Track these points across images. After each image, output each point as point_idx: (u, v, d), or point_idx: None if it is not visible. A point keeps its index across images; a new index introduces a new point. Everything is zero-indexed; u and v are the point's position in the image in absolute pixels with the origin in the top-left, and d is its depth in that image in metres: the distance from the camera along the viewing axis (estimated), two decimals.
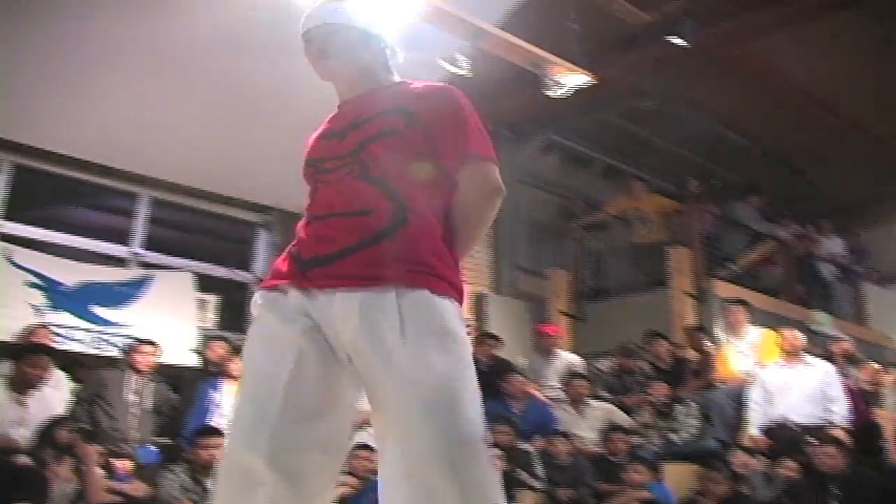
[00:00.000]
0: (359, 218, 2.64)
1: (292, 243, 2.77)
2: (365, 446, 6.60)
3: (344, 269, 2.59)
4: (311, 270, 2.63)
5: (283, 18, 7.25)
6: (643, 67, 9.82)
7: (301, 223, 2.80)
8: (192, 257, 9.73)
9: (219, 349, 8.03)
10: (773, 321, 9.77)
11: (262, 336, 2.67)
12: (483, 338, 9.44)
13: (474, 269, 10.94)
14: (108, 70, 7.95)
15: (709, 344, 9.41)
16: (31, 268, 8.19)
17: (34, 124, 8.36)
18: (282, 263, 2.75)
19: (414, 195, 2.68)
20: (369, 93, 2.89)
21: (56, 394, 6.90)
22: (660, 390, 8.59)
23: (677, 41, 9.14)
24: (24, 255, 8.24)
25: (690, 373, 9.27)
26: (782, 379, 8.17)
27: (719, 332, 9.80)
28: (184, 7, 7.48)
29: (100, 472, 6.12)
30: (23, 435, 6.39)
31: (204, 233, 10.76)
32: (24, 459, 6.00)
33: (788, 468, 7.26)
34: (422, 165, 2.72)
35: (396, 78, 2.99)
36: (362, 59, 2.93)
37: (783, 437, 7.87)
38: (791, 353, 8.28)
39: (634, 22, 9.42)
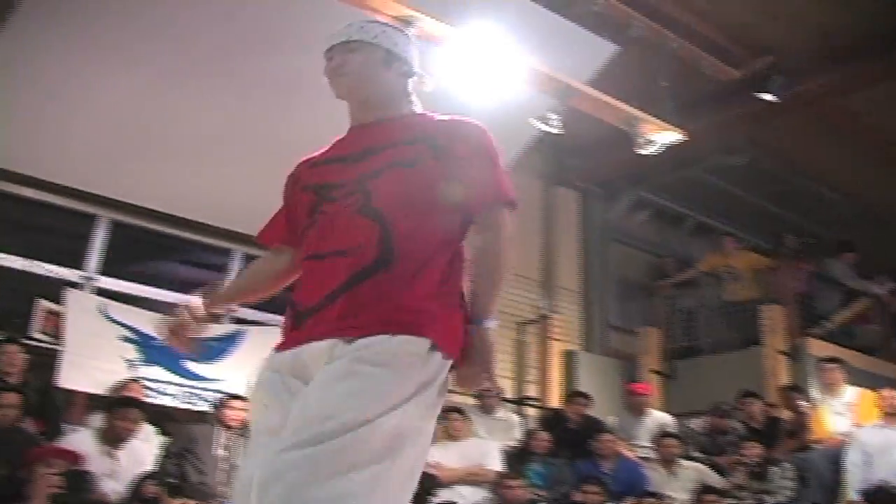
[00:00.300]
0: (343, 258, 2.50)
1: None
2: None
3: (323, 318, 2.48)
4: (304, 323, 2.55)
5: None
6: (733, 124, 9.77)
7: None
8: (283, 312, 9.79)
9: None
10: (870, 380, 9.56)
11: (260, 398, 2.59)
12: (573, 396, 9.38)
13: (564, 326, 10.89)
14: (205, 135, 8.15)
15: (804, 404, 9.21)
16: (126, 322, 8.28)
17: (134, 183, 8.55)
18: (286, 316, 2.68)
19: (412, 234, 2.51)
20: (387, 119, 2.77)
21: (146, 447, 6.97)
22: (753, 451, 8.42)
23: (767, 97, 9.09)
24: (119, 310, 8.34)
25: (785, 433, 9.08)
26: (882, 440, 7.94)
27: (814, 392, 9.60)
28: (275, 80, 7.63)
29: None
30: (113, 488, 6.46)
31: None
32: None
33: None
34: (435, 201, 2.56)
35: (418, 108, 2.86)
36: (382, 80, 2.80)
37: (884, 502, 7.66)
38: (890, 414, 8.07)
39: (724, 78, 9.40)
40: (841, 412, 8.71)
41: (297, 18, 7.32)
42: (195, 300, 2.92)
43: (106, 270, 8.86)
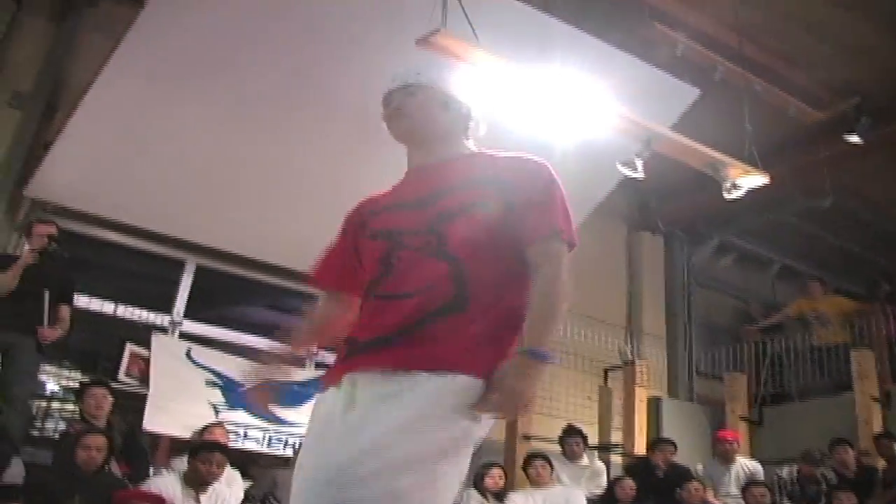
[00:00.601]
0: (410, 299, 2.46)
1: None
2: None
3: (382, 351, 2.44)
4: (357, 355, 2.51)
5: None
6: (818, 166, 9.66)
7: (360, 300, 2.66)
8: None
9: None
10: None
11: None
12: (659, 443, 9.27)
13: (649, 372, 10.79)
14: (288, 181, 8.26)
15: None
16: (211, 366, 8.38)
17: (216, 227, 8.68)
18: (339, 351, 2.63)
19: (485, 276, 2.49)
20: (449, 160, 2.76)
21: (230, 491, 7.01)
22: (847, 501, 8.24)
23: (853, 139, 8.99)
24: (203, 354, 8.46)
25: (879, 483, 8.89)
26: None
27: None
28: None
29: None
30: None
31: None
32: None
33: None
34: (506, 242, 2.54)
35: (475, 147, 2.85)
36: (441, 122, 2.78)
37: None
38: None
39: (809, 121, 9.33)
40: None
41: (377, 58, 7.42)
42: (278, 344, 2.94)
43: (191, 315, 8.98)
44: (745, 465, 9.43)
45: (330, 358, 8.83)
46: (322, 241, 3.10)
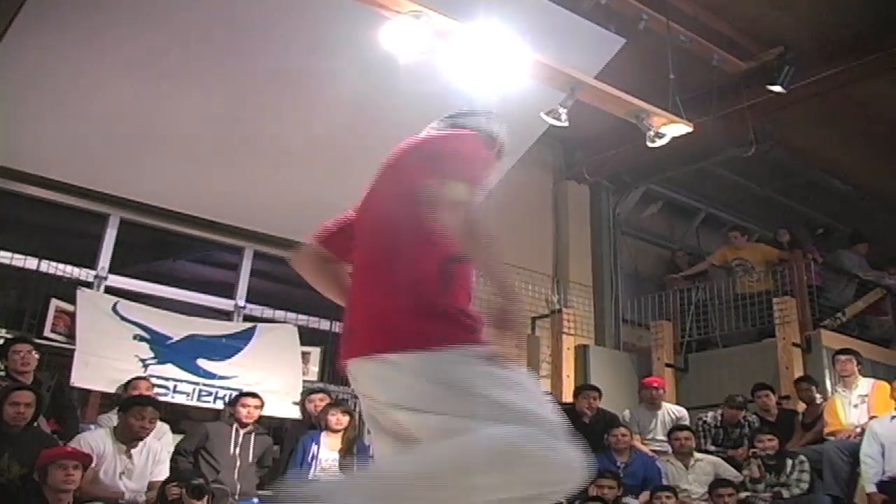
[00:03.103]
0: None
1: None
2: None
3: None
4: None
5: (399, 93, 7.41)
6: (742, 116, 9.74)
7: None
8: (296, 310, 9.81)
9: (319, 402, 8.08)
10: (884, 372, 9.56)
11: None
12: (584, 390, 9.35)
13: (576, 320, 10.88)
14: (216, 134, 8.16)
15: (818, 396, 9.20)
16: (138, 321, 8.31)
17: (142, 181, 8.56)
18: (473, 320, 2.65)
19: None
20: None
21: (160, 445, 6.99)
22: (768, 444, 8.40)
23: (776, 89, 9.07)
24: (130, 309, 8.38)
25: (800, 425, 9.07)
26: None
27: (829, 384, 9.58)
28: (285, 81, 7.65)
29: None
30: (128, 486, 6.49)
31: (306, 285, 10.84)
32: None
33: None
34: None
35: None
36: None
37: None
38: None
39: (732, 71, 9.39)
40: (856, 404, 8.67)
41: (304, 15, 7.33)
42: None
43: (117, 270, 8.87)
44: (670, 410, 9.57)
45: (259, 311, 8.82)
46: (251, 194, 3.11)
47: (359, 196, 2.86)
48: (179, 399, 8.20)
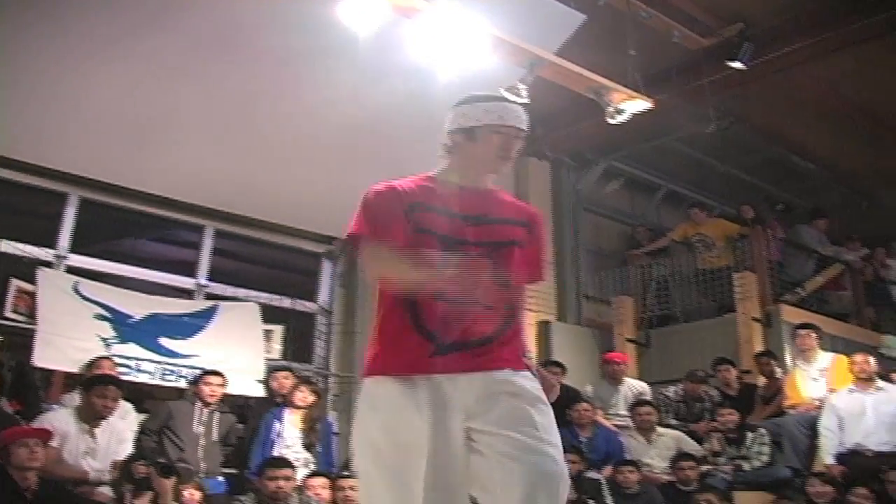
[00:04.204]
0: (489, 312, 2.98)
1: (412, 317, 2.97)
2: None
3: (479, 354, 2.97)
4: (447, 355, 2.95)
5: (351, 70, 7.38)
6: (703, 93, 9.76)
7: (419, 299, 2.96)
8: (258, 288, 9.78)
9: (283, 379, 8.08)
10: (843, 346, 9.66)
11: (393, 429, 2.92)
12: (547, 365, 9.37)
13: (538, 296, 10.89)
14: (176, 112, 8.09)
15: (778, 370, 9.29)
16: (99, 300, 8.26)
17: (102, 160, 8.49)
18: (407, 343, 2.97)
19: (518, 300, 3.17)
20: (487, 190, 3.22)
21: (124, 425, 6.97)
22: (729, 417, 8.49)
23: (736, 65, 9.10)
24: (91, 288, 8.33)
25: (760, 399, 9.16)
26: (855, 405, 8.01)
27: (789, 358, 9.67)
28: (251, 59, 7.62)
29: None
30: (92, 466, 6.47)
31: (268, 264, 10.83)
32: (105, 491, 6.08)
33: (861, 496, 7.13)
34: (530, 276, 3.25)
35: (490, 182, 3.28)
36: None
37: (858, 465, 7.72)
38: (863, 379, 8.13)
39: (693, 47, 9.40)
40: (815, 378, 8.76)
41: None
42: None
43: (77, 248, 8.81)
44: (632, 385, 9.64)
45: (221, 289, 8.79)
46: (211, 172, 3.14)
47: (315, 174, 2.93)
48: (142, 378, 8.17)
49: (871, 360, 8.33)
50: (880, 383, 8.16)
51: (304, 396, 7.71)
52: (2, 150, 8.15)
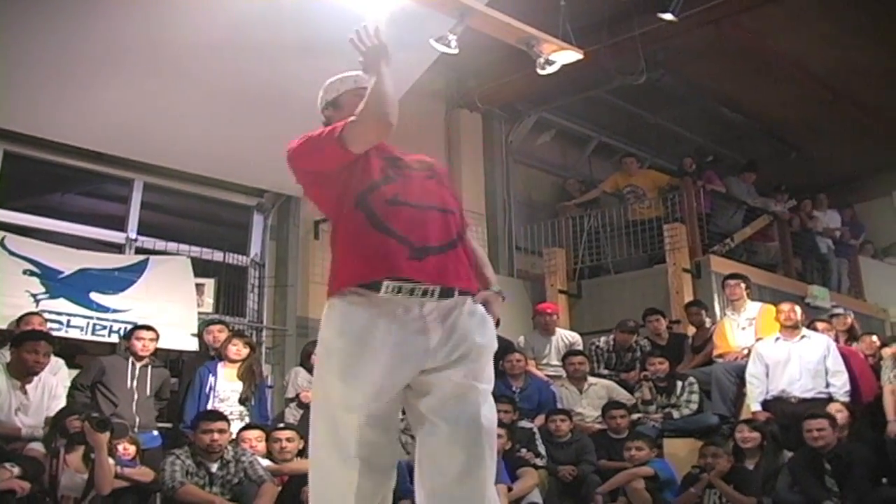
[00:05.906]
0: (448, 215, 3.32)
1: (376, 220, 3.14)
2: None
3: (445, 265, 3.16)
4: (427, 258, 3.11)
5: (281, 20, 7.29)
6: (633, 44, 9.79)
7: (381, 202, 3.16)
8: (189, 242, 9.68)
9: (217, 333, 8.03)
10: (770, 296, 9.80)
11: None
12: None
13: None
14: (102, 61, 7.92)
15: (708, 320, 9.41)
16: (28, 255, 8.12)
17: (28, 113, 8.30)
18: (382, 249, 3.11)
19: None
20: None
21: (56, 380, 6.89)
22: (659, 367, 8.58)
23: (666, 16, 9.10)
24: (19, 243, 8.18)
25: (689, 349, 9.28)
26: (781, 353, 8.13)
27: (717, 308, 9.81)
28: (182, 4, 7.46)
29: (110, 460, 6.10)
30: (24, 422, 6.40)
31: (199, 217, 10.72)
32: (37, 447, 6.02)
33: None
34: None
35: None
36: None
37: (781, 411, 7.86)
38: (789, 327, 8.26)
39: None
40: (743, 327, 8.89)
41: None
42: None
43: (4, 204, 8.64)
44: (564, 335, 9.68)
45: (151, 243, 8.67)
46: (139, 123, 3.09)
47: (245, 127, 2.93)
48: (73, 333, 8.06)
49: (798, 309, 8.45)
50: (805, 332, 8.29)
51: (237, 350, 7.67)
52: None
